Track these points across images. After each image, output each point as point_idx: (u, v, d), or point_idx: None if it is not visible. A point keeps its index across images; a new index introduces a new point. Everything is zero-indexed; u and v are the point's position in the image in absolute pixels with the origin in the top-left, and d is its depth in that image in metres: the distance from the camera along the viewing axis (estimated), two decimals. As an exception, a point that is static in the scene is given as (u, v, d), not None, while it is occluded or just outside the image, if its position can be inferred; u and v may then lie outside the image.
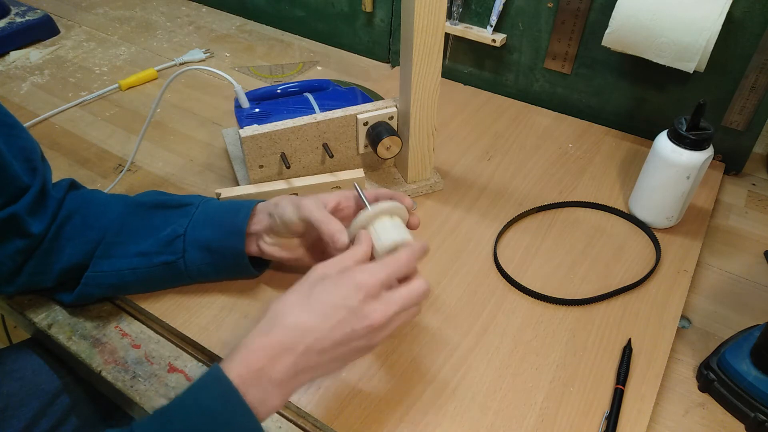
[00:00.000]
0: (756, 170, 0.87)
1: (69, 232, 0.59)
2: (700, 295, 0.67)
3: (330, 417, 0.53)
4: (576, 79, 0.92)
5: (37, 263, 0.58)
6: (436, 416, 0.54)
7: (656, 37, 0.75)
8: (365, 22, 1.10)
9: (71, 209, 0.60)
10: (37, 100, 0.98)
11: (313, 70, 1.09)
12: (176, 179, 0.82)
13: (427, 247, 0.53)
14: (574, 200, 0.78)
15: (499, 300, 0.65)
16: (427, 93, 0.70)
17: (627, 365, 0.57)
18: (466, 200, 0.78)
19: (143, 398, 0.57)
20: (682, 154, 0.66)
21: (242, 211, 0.60)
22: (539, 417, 0.54)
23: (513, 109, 0.97)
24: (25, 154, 0.57)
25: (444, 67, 0.86)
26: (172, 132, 0.92)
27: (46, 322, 0.63)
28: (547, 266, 0.69)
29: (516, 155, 0.86)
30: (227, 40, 1.18)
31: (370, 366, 0.58)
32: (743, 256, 0.73)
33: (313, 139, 0.73)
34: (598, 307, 0.64)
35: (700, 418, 0.55)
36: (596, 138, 0.90)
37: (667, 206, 0.71)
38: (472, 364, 0.58)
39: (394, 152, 0.74)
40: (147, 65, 1.08)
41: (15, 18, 1.14)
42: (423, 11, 0.63)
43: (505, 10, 0.92)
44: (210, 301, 0.63)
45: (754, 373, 0.54)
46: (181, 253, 0.59)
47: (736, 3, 0.74)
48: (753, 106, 0.79)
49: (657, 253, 0.70)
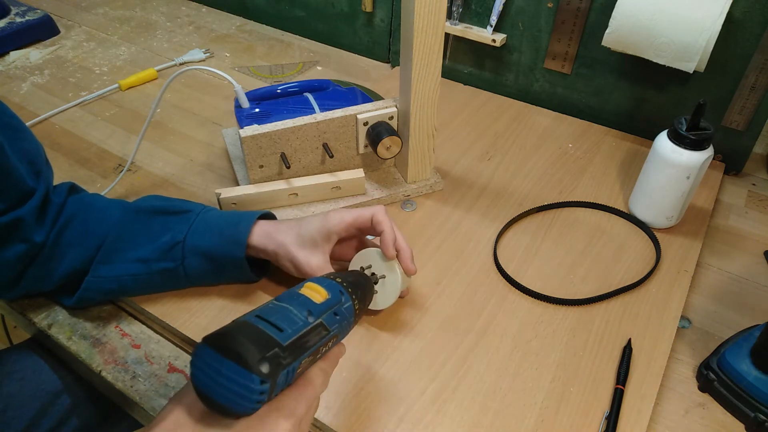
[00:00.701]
0: (756, 170, 0.87)
1: (69, 237, 0.59)
2: (700, 295, 0.67)
3: (330, 417, 0.53)
4: (576, 79, 0.92)
5: (38, 270, 0.58)
6: (436, 416, 0.54)
7: (656, 37, 0.75)
8: (365, 22, 1.10)
9: (71, 214, 0.59)
10: (37, 100, 0.98)
11: (313, 70, 1.09)
12: (176, 179, 0.82)
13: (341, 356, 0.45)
14: (574, 200, 0.78)
15: (499, 300, 0.65)
16: (427, 93, 0.70)
17: (627, 365, 0.57)
18: (466, 200, 0.78)
19: (143, 398, 0.57)
20: (682, 154, 0.66)
21: (243, 222, 0.60)
22: (539, 417, 0.54)
23: (513, 109, 0.97)
24: (29, 158, 0.57)
25: (444, 67, 0.86)
26: (172, 132, 0.92)
27: (46, 323, 0.63)
28: (547, 266, 0.69)
29: (516, 155, 0.86)
30: (227, 40, 1.18)
31: (370, 366, 0.58)
32: (743, 256, 0.73)
33: (313, 139, 0.73)
34: (598, 307, 0.64)
35: (700, 418, 0.55)
36: (596, 138, 0.90)
37: (667, 206, 0.71)
38: (472, 364, 0.58)
39: (394, 152, 0.74)
40: (147, 65, 1.08)
41: (15, 18, 1.14)
42: (423, 11, 0.63)
43: (505, 10, 0.92)
44: (210, 301, 0.63)
45: (754, 373, 0.54)
46: (180, 260, 0.59)
47: (736, 3, 0.74)
48: (753, 106, 0.79)
49: (657, 253, 0.70)
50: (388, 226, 0.58)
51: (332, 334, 0.40)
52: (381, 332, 0.61)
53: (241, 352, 0.32)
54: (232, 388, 0.32)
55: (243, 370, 0.32)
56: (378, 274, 0.59)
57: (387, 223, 0.59)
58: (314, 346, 0.37)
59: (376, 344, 0.60)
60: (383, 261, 0.59)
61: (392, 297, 0.59)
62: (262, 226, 0.60)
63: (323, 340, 0.39)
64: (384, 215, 0.59)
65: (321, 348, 0.39)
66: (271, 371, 0.33)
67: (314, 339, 0.38)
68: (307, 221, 0.60)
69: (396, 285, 0.59)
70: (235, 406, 0.33)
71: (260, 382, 0.32)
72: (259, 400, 0.33)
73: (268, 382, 0.33)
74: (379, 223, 0.59)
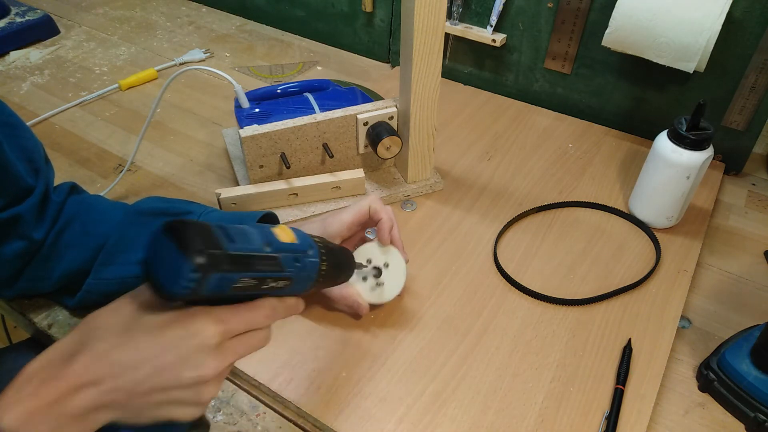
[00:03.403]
0: (756, 170, 0.87)
1: (69, 238, 0.59)
2: (700, 295, 0.67)
3: (330, 417, 0.53)
4: (576, 79, 0.92)
5: (37, 268, 0.58)
6: (436, 416, 0.54)
7: (656, 37, 0.75)
8: (365, 22, 1.10)
9: (71, 215, 0.59)
10: (37, 100, 0.98)
11: (313, 70, 1.09)
12: (176, 179, 0.82)
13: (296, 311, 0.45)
14: (574, 200, 0.78)
15: (499, 300, 0.65)
16: (427, 93, 0.70)
17: (627, 365, 0.57)
18: (466, 200, 0.78)
19: (143, 398, 0.56)
20: (682, 154, 0.66)
21: (244, 223, 0.59)
22: (539, 417, 0.54)
23: (513, 109, 0.97)
24: (27, 155, 0.57)
25: (444, 67, 0.86)
26: (172, 132, 0.92)
27: (46, 322, 0.63)
28: (547, 266, 0.69)
29: (516, 155, 0.86)
30: (227, 40, 1.18)
31: (370, 366, 0.58)
32: (743, 256, 0.73)
33: (313, 139, 0.73)
34: (598, 307, 0.64)
35: (700, 418, 0.55)
36: (596, 138, 0.90)
37: (667, 206, 0.71)
38: (472, 364, 0.58)
39: (394, 152, 0.74)
40: (147, 65, 1.08)
41: (15, 18, 1.14)
42: (423, 11, 0.63)
43: (505, 10, 0.92)
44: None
45: (754, 373, 0.54)
46: None
47: (736, 3, 0.74)
48: (753, 106, 0.79)
49: (657, 253, 0.70)
50: (385, 213, 0.60)
51: (286, 275, 0.41)
52: (381, 332, 0.61)
53: (184, 239, 0.35)
54: (167, 267, 0.35)
55: (180, 252, 0.34)
56: (380, 265, 0.60)
57: (384, 211, 0.60)
58: (261, 272, 0.39)
59: (376, 344, 0.60)
60: (382, 253, 0.60)
61: (399, 285, 0.60)
62: None
63: (274, 274, 0.40)
64: (379, 203, 0.60)
65: (269, 280, 0.40)
66: (205, 265, 0.35)
67: (264, 267, 0.39)
68: (306, 228, 0.59)
69: (400, 272, 0.60)
70: (165, 283, 0.35)
71: (191, 270, 0.34)
72: (187, 286, 0.34)
73: (199, 273, 0.34)
74: (376, 212, 0.60)
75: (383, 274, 0.60)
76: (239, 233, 0.39)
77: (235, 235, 0.38)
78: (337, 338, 0.60)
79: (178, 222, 0.36)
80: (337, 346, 0.59)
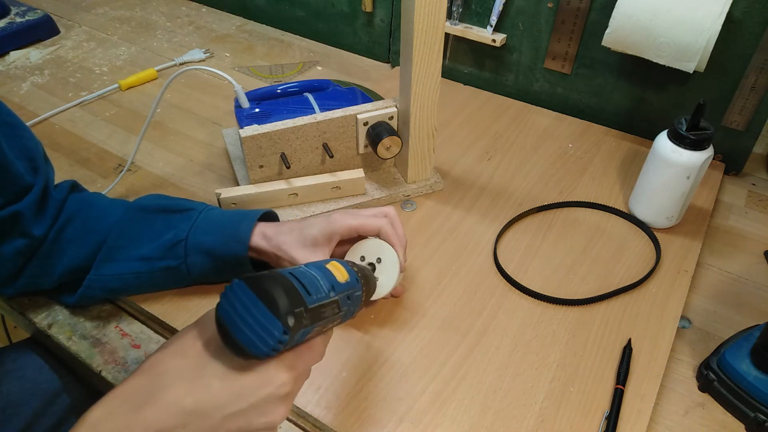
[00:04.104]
0: (756, 170, 0.87)
1: (70, 234, 0.59)
2: (700, 295, 0.67)
3: (330, 417, 0.53)
4: (576, 79, 0.92)
5: (38, 265, 0.58)
6: (436, 416, 0.54)
7: (656, 37, 0.75)
8: (365, 22, 1.10)
9: (72, 212, 0.60)
10: (37, 100, 0.98)
11: (313, 70, 1.09)
12: (176, 179, 0.82)
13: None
14: (574, 200, 0.78)
15: (499, 300, 0.65)
16: (427, 93, 0.70)
17: (627, 365, 0.57)
18: (466, 200, 0.78)
19: (143, 398, 0.56)
20: (682, 154, 0.66)
21: (245, 220, 0.60)
22: (539, 417, 0.54)
23: (513, 109, 0.97)
24: (27, 154, 0.57)
25: (444, 67, 0.86)
26: (172, 132, 0.92)
27: (46, 322, 0.63)
28: (547, 266, 0.69)
29: (516, 155, 0.86)
30: (227, 40, 1.18)
31: (370, 366, 0.58)
32: (743, 256, 0.73)
33: (313, 139, 0.73)
34: (598, 307, 0.64)
35: (700, 418, 0.55)
36: (596, 138, 0.90)
37: (667, 206, 0.71)
38: (472, 364, 0.58)
39: (394, 152, 0.74)
40: (147, 65, 1.08)
41: (15, 18, 1.14)
42: (423, 11, 0.63)
43: (505, 10, 0.92)
44: (210, 301, 0.63)
45: (754, 373, 0.54)
46: (182, 258, 0.59)
47: (736, 3, 0.74)
48: (753, 106, 0.79)
49: (657, 253, 0.70)
50: (395, 238, 0.59)
51: (340, 314, 0.41)
52: (381, 332, 0.61)
53: (275, 298, 0.33)
54: (254, 329, 0.33)
55: (271, 314, 0.33)
56: (373, 261, 0.59)
57: (395, 236, 0.59)
58: (326, 318, 0.39)
59: (376, 344, 0.60)
60: (374, 248, 0.59)
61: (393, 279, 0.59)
62: (261, 228, 0.60)
63: (334, 317, 0.40)
64: (390, 228, 0.59)
65: (329, 323, 0.40)
66: (294, 326, 0.34)
67: (328, 312, 0.39)
68: (310, 223, 0.60)
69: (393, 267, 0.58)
70: (251, 346, 0.34)
71: (283, 332, 0.33)
72: (276, 348, 0.34)
73: (289, 334, 0.34)
74: (388, 236, 0.59)
75: (376, 270, 0.59)
76: (311, 282, 0.38)
77: (308, 285, 0.37)
78: (337, 338, 0.60)
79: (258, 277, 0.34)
80: (337, 346, 0.59)
